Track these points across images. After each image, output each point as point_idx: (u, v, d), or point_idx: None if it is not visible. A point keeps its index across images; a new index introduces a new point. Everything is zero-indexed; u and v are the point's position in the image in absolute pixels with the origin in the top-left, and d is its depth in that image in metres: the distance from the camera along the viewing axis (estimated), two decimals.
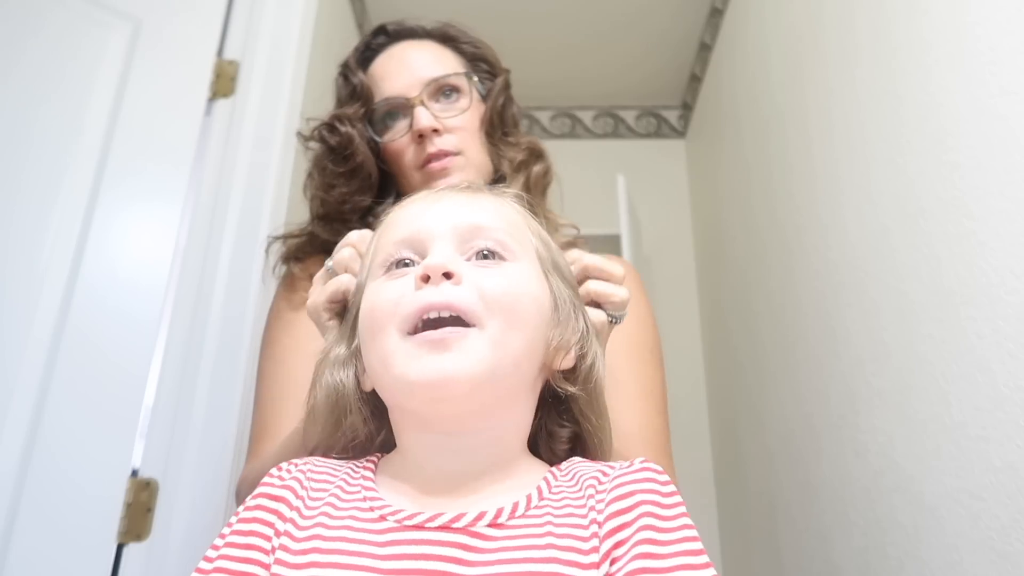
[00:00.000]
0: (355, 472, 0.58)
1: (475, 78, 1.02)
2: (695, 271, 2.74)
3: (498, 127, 1.03)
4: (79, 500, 1.16)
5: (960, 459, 1.02)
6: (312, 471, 0.57)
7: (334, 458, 0.60)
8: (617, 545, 0.49)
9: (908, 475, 1.16)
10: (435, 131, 0.95)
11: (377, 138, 0.99)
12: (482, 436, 0.55)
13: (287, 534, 0.52)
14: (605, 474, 0.54)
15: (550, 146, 1.09)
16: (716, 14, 2.39)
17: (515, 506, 0.52)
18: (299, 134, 1.05)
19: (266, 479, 0.56)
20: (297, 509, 0.54)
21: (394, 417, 0.59)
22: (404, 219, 0.60)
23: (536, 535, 0.50)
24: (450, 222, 0.57)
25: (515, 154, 1.00)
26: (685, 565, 0.47)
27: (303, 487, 0.55)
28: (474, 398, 0.53)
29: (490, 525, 0.50)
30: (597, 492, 0.52)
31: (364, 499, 0.54)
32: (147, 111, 1.40)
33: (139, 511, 1.21)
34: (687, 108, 2.88)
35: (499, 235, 0.57)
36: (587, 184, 2.76)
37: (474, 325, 0.53)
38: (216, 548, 0.53)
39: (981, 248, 0.99)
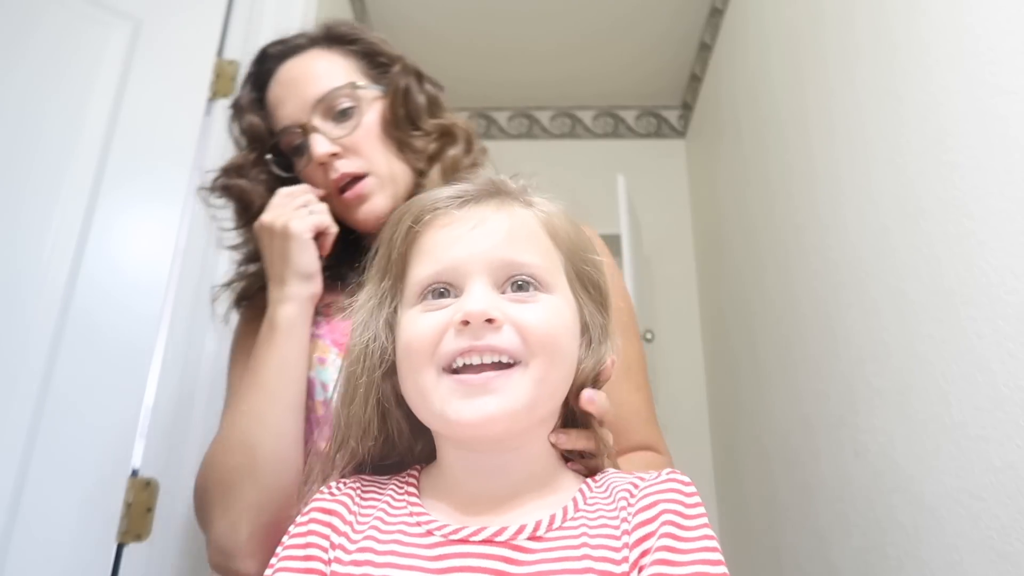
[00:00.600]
0: (400, 488, 0.60)
1: (363, 84, 0.94)
2: (695, 271, 2.74)
3: (404, 123, 0.95)
4: (79, 500, 1.16)
5: (960, 459, 1.02)
6: (362, 489, 0.60)
7: (374, 474, 0.62)
8: (643, 554, 0.51)
9: (908, 475, 1.16)
10: (334, 155, 0.90)
11: (285, 174, 0.94)
12: (519, 453, 0.57)
13: (341, 547, 0.54)
14: (636, 486, 0.56)
15: (550, 146, 1.08)
16: (716, 14, 2.39)
17: (552, 518, 0.54)
18: (200, 190, 0.99)
19: (318, 495, 0.59)
20: (350, 524, 0.56)
21: (433, 433, 0.61)
22: (438, 247, 0.60)
23: (572, 547, 0.52)
24: (486, 257, 0.58)
25: (425, 144, 0.94)
26: (701, 574, 0.49)
27: (355, 503, 0.58)
28: (513, 429, 0.55)
29: (530, 538, 0.53)
30: (628, 504, 0.54)
31: (411, 514, 0.56)
32: (147, 111, 1.40)
33: (139, 511, 1.21)
34: (687, 108, 2.88)
35: (534, 270, 0.58)
36: (587, 184, 2.76)
37: (518, 362, 0.55)
38: (271, 566, 0.55)
39: (981, 248, 0.99)
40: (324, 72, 0.93)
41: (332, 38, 0.98)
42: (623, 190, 2.39)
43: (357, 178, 0.91)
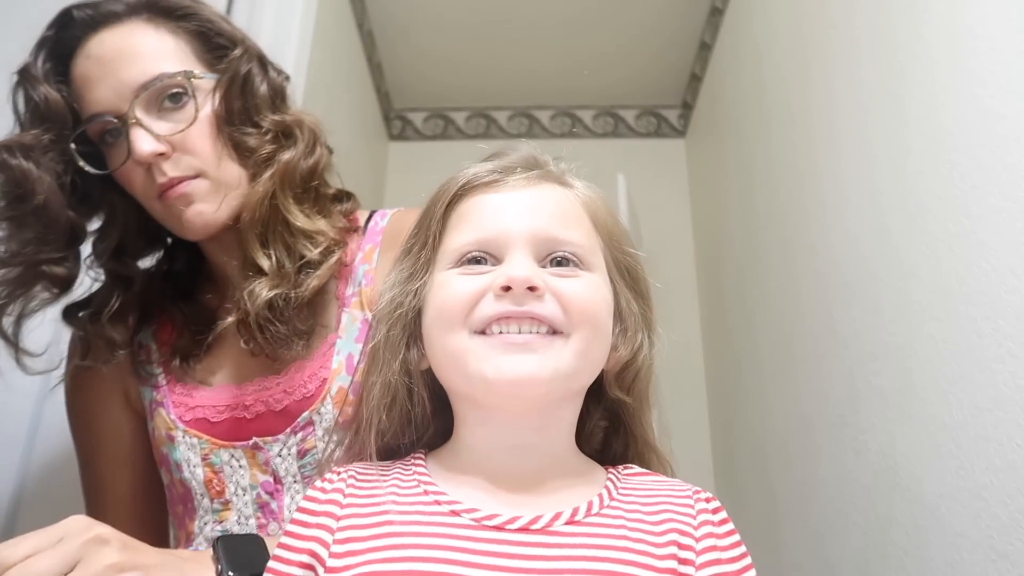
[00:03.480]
0: (406, 470, 0.58)
1: (199, 73, 0.82)
2: (695, 271, 2.74)
3: (240, 118, 0.83)
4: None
5: (960, 458, 1.02)
6: (355, 476, 0.57)
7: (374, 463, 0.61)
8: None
9: (908, 474, 1.16)
10: (161, 155, 0.78)
11: (92, 169, 0.81)
12: (545, 433, 0.57)
13: (342, 538, 0.52)
14: (679, 495, 0.56)
15: (550, 146, 1.04)
16: (716, 13, 2.39)
17: (589, 505, 0.53)
18: None
19: (308, 495, 0.57)
20: (345, 518, 0.54)
21: (456, 407, 0.59)
22: (480, 215, 0.59)
23: (612, 535, 0.52)
24: (530, 230, 0.57)
25: (259, 144, 0.82)
26: None
27: (345, 496, 0.55)
28: (548, 396, 0.55)
29: (567, 523, 0.52)
30: (677, 513, 0.54)
31: (425, 492, 0.54)
32: None
33: None
34: (687, 107, 2.88)
35: (576, 248, 0.58)
36: None
37: (561, 333, 0.54)
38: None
39: (981, 247, 0.99)
40: (150, 52, 0.80)
41: (160, 10, 0.83)
42: (623, 190, 2.38)
43: (186, 180, 0.80)
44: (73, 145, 0.80)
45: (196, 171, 0.80)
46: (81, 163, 0.81)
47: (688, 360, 2.60)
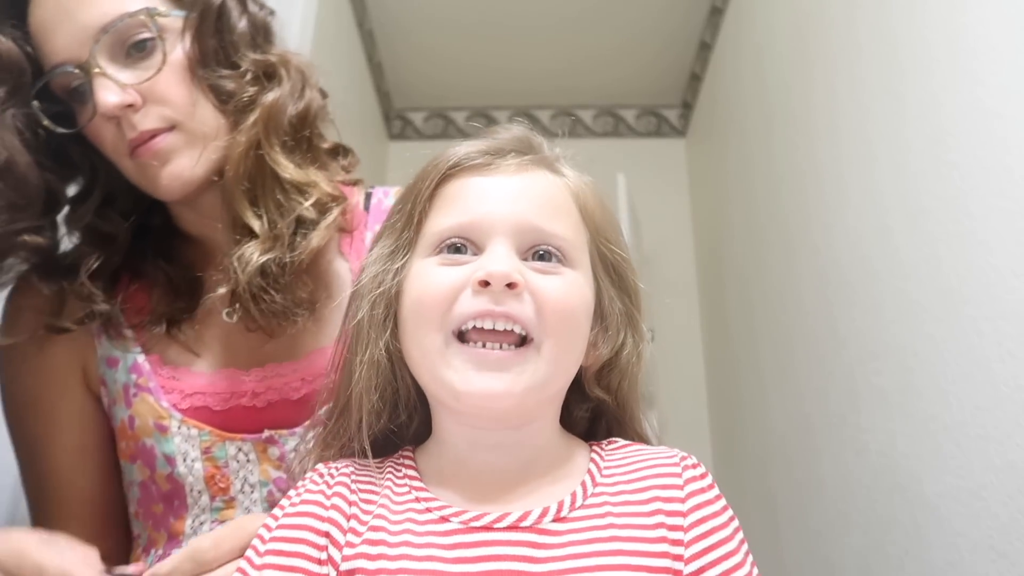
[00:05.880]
0: (397, 470, 0.56)
1: (163, 10, 0.72)
2: (695, 271, 2.74)
3: (215, 59, 0.74)
4: None
5: (960, 458, 1.02)
6: (356, 473, 0.56)
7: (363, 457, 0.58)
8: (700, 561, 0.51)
9: (909, 474, 1.16)
10: (130, 107, 0.70)
11: (57, 127, 0.72)
12: (520, 431, 0.54)
13: (348, 544, 0.51)
14: (665, 464, 0.54)
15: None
16: (716, 13, 2.39)
17: (574, 497, 0.52)
18: None
19: (311, 483, 0.55)
20: (355, 516, 0.53)
21: (431, 402, 0.57)
22: (464, 198, 0.56)
23: (599, 526, 0.50)
24: (514, 219, 0.54)
25: (238, 88, 0.74)
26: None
27: (351, 491, 0.54)
28: (520, 408, 0.53)
29: (554, 520, 0.50)
30: (663, 488, 0.52)
31: (417, 500, 0.53)
32: None
33: None
34: (687, 107, 2.88)
35: (561, 243, 0.55)
36: None
37: (530, 340, 0.52)
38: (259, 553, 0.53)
39: (981, 247, 0.99)
40: None
41: None
42: (623, 189, 2.38)
43: (159, 133, 0.72)
44: (37, 102, 0.72)
45: (169, 122, 0.72)
46: (45, 121, 0.72)
47: (688, 360, 2.60)
